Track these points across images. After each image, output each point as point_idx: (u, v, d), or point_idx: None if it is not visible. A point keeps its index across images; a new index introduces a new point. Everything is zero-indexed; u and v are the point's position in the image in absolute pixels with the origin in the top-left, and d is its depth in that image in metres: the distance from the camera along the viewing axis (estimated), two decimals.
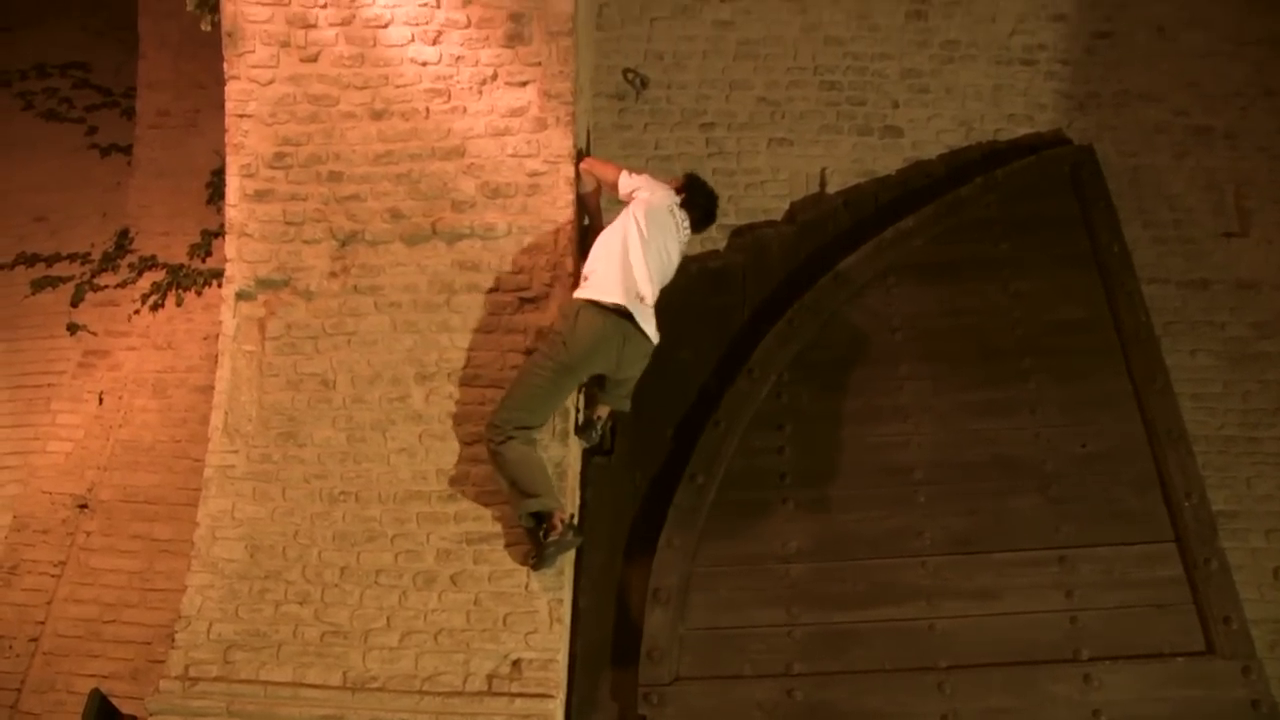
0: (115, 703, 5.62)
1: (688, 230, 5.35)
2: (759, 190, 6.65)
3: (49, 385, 7.44)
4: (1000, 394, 5.83)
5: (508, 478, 4.95)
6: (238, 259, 5.37)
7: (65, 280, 7.82)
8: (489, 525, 5.11)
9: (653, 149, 6.48)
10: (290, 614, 5.01)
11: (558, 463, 5.15)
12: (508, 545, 5.07)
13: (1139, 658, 5.13)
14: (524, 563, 5.00)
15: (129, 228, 7.89)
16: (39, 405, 7.39)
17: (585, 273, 5.04)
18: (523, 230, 5.30)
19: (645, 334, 5.05)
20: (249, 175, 5.37)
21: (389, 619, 4.99)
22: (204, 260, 7.54)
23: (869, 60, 6.77)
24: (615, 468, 5.74)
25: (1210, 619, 5.18)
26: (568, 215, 5.37)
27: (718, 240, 6.54)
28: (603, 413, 5.45)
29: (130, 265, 7.70)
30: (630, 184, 5.23)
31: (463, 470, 5.17)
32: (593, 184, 5.44)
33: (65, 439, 7.20)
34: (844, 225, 6.49)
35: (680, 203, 5.33)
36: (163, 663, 5.01)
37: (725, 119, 6.70)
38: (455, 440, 5.20)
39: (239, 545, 5.13)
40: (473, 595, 5.01)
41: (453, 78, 5.32)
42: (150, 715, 4.80)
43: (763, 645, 5.27)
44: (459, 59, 5.31)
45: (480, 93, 5.32)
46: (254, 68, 5.34)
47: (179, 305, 7.45)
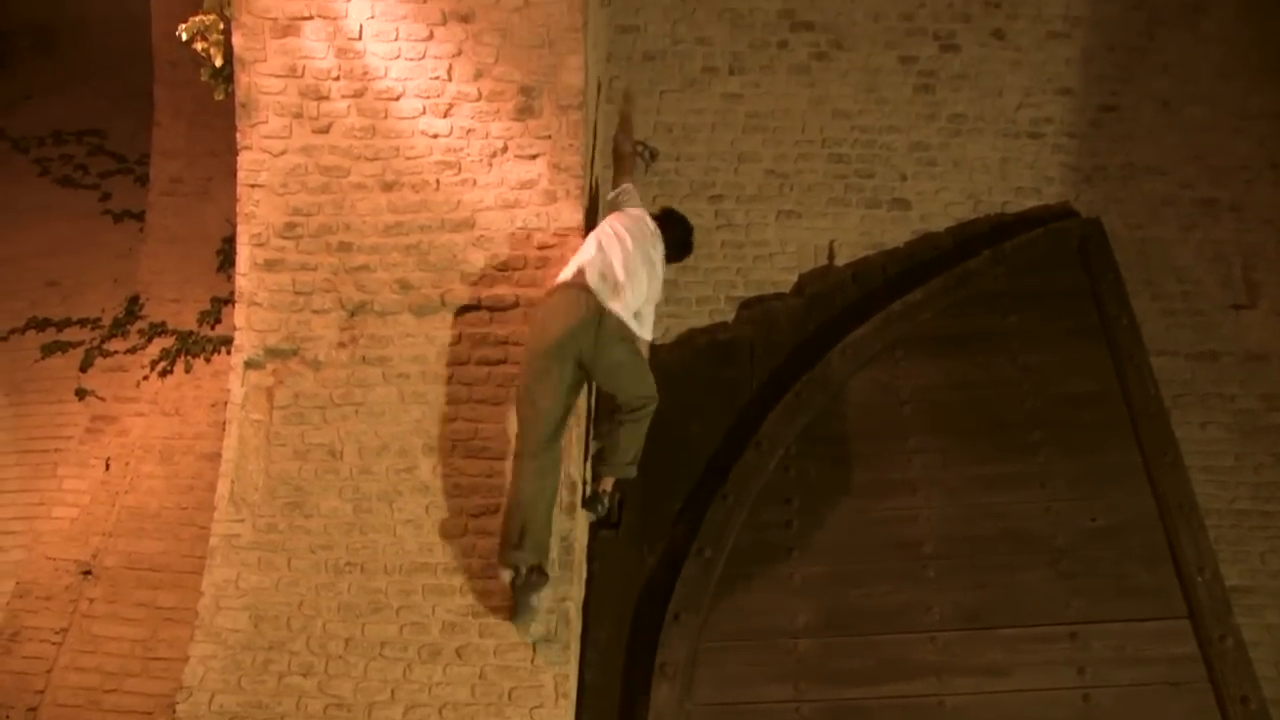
0: None
1: (660, 250, 5.38)
2: (767, 262, 6.69)
3: (56, 450, 7.42)
4: (1009, 467, 5.81)
5: (514, 506, 4.90)
6: (247, 328, 5.38)
7: (75, 345, 7.82)
8: (495, 598, 5.06)
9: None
10: (294, 686, 4.94)
11: (564, 535, 5.11)
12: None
13: None
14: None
15: (140, 294, 7.92)
16: (45, 470, 7.36)
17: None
18: (531, 303, 5.30)
19: (619, 316, 4.99)
20: (259, 244, 5.39)
21: (393, 692, 4.92)
22: (213, 327, 7.56)
23: (877, 133, 6.83)
24: (622, 541, 5.72)
25: (1227, 699, 5.10)
26: None
27: (726, 312, 6.57)
28: (608, 485, 5.42)
29: (140, 331, 7.72)
30: (623, 187, 5.41)
31: (469, 543, 5.13)
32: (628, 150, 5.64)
33: (71, 504, 7.16)
34: (852, 298, 6.51)
35: (657, 228, 5.41)
36: None
37: (734, 191, 6.75)
38: (462, 513, 5.17)
39: (243, 615, 5.08)
40: (478, 669, 4.95)
41: (463, 150, 5.36)
42: None
43: None
44: (470, 132, 5.35)
45: (490, 165, 5.36)
46: (266, 138, 5.39)
47: (188, 372, 7.46)
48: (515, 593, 4.93)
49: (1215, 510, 6.22)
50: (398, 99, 5.35)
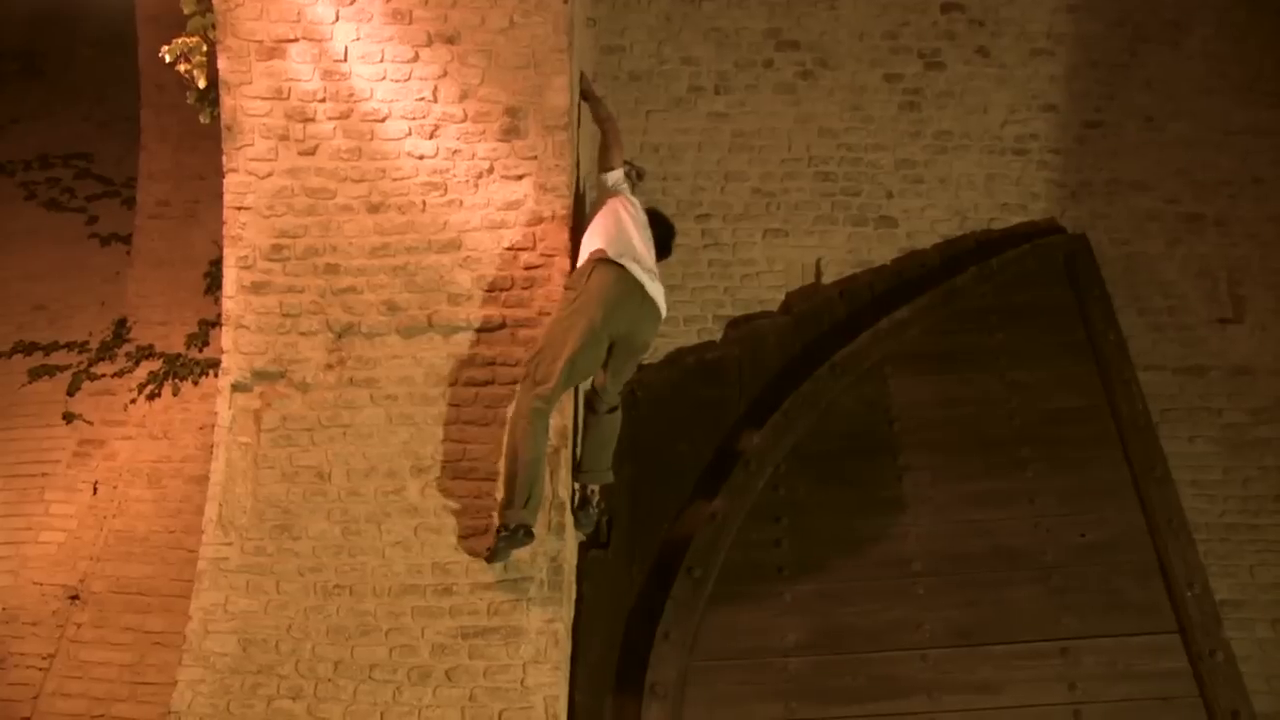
0: None
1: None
2: (755, 281, 6.71)
3: (43, 475, 7.39)
4: (998, 484, 5.82)
5: (514, 465, 4.90)
6: (234, 350, 5.37)
7: (62, 369, 7.81)
8: (484, 620, 5.04)
9: None
10: (283, 710, 4.92)
11: (554, 556, 5.09)
12: (504, 640, 5.00)
13: None
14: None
15: (127, 317, 7.91)
16: (33, 495, 7.33)
17: (584, 241, 5.12)
18: (518, 323, 5.30)
19: (655, 299, 5.09)
20: (246, 267, 5.38)
21: (383, 715, 4.90)
22: (201, 350, 7.54)
23: (863, 151, 6.86)
24: (612, 561, 5.70)
25: (1218, 714, 5.12)
26: None
27: (714, 332, 6.58)
28: (593, 490, 5.45)
29: (128, 355, 7.70)
30: (618, 179, 5.42)
31: (458, 564, 5.12)
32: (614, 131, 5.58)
33: (58, 529, 7.14)
34: (840, 316, 6.53)
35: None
36: None
37: (721, 210, 6.78)
38: (451, 533, 5.15)
39: (231, 639, 5.05)
40: (468, 691, 4.93)
41: (449, 171, 5.36)
42: None
43: None
44: (455, 153, 5.36)
45: (477, 186, 5.36)
46: (252, 160, 5.38)
47: (175, 395, 7.44)
48: (499, 543, 4.93)
49: (1204, 524, 6.24)
50: (383, 120, 5.35)
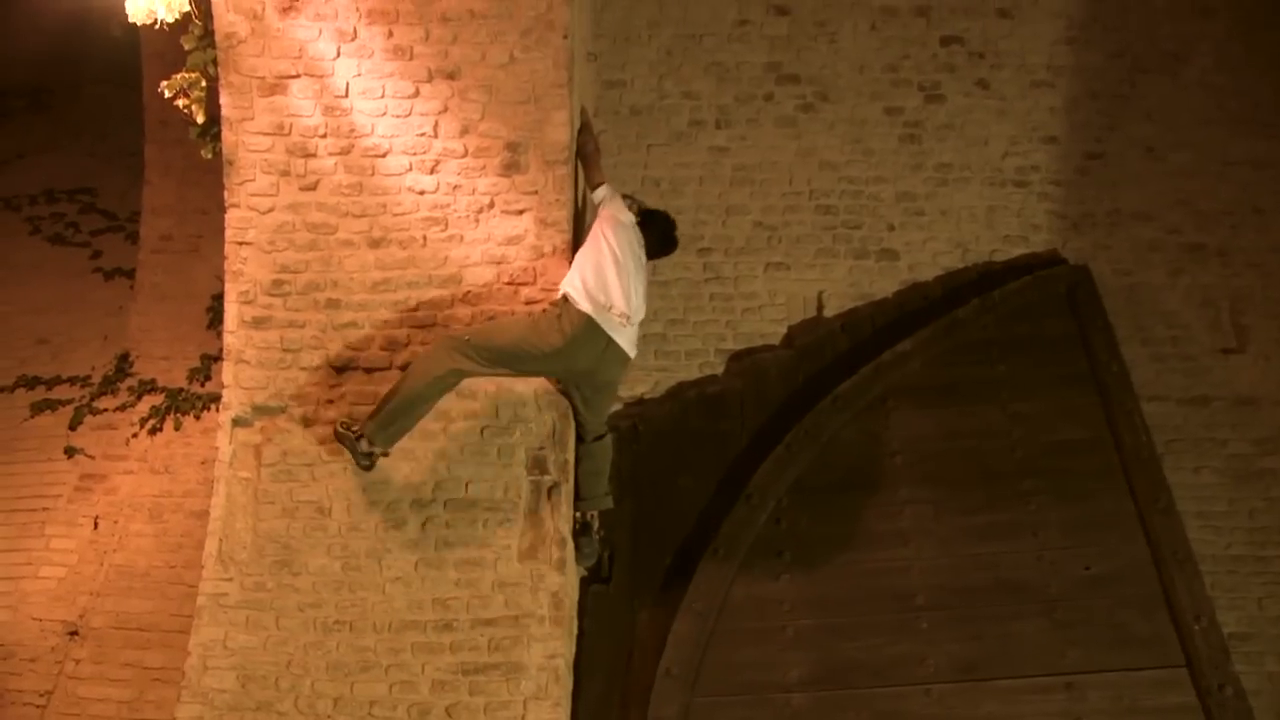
0: None
1: (642, 246, 5.40)
2: (756, 315, 6.70)
3: (44, 509, 7.40)
4: (1001, 516, 5.79)
5: (400, 395, 4.99)
6: (235, 385, 5.36)
7: (65, 403, 7.83)
8: (485, 656, 5.01)
9: (650, 274, 6.51)
10: None
11: (555, 591, 5.07)
12: (504, 676, 4.96)
13: None
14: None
15: (129, 351, 7.94)
16: (33, 529, 7.34)
17: (572, 268, 5.15)
18: None
19: (622, 347, 5.13)
20: (247, 302, 5.39)
21: None
22: (203, 384, 7.56)
23: (864, 184, 6.87)
24: (613, 595, 5.69)
25: None
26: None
27: (715, 365, 6.57)
28: (593, 516, 5.45)
29: (130, 389, 7.73)
30: (603, 194, 5.38)
31: (459, 599, 5.10)
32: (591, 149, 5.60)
33: (58, 564, 7.14)
34: (842, 349, 6.51)
35: (638, 223, 5.42)
36: None
37: (722, 244, 6.78)
38: (451, 568, 5.13)
39: (230, 675, 5.02)
40: None
41: (450, 206, 5.37)
42: None
43: None
44: (456, 188, 5.37)
45: (477, 221, 5.37)
46: (254, 196, 5.40)
47: (177, 429, 7.45)
48: (345, 442, 5.07)
49: (1210, 556, 6.19)
50: (384, 156, 5.37)
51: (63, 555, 7.15)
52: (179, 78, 5.52)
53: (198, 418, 7.46)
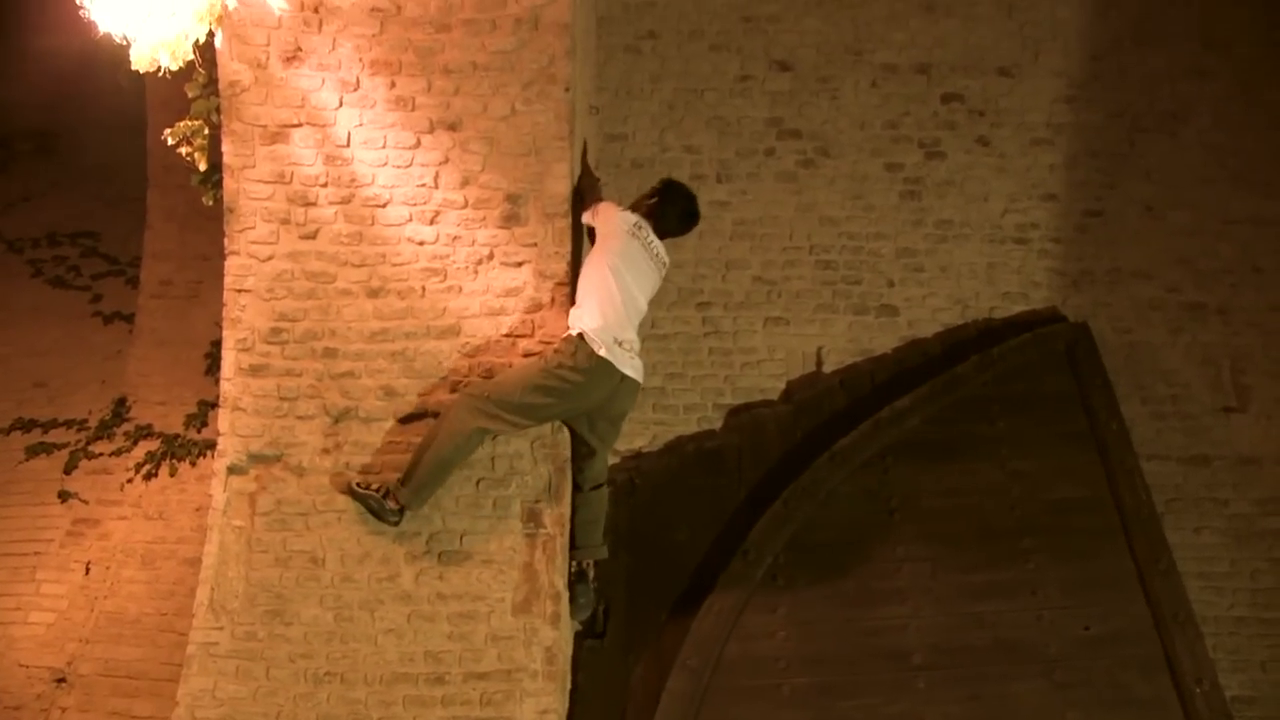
0: None
1: (655, 244, 5.36)
2: (755, 370, 6.70)
3: (35, 554, 7.32)
4: (1000, 575, 5.75)
5: (429, 462, 4.99)
6: (230, 433, 5.34)
7: (60, 447, 7.78)
8: (477, 710, 4.97)
9: (649, 328, 6.52)
10: None
11: (548, 646, 5.03)
12: None
13: None
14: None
15: (127, 396, 7.91)
16: (24, 574, 7.26)
17: (577, 301, 5.16)
18: None
19: (634, 378, 5.15)
20: (245, 349, 5.38)
21: None
22: (200, 431, 7.53)
23: (864, 239, 6.89)
24: (608, 650, 5.64)
25: None
26: None
27: (714, 420, 6.57)
28: (588, 565, 5.42)
29: (126, 434, 7.68)
30: (591, 217, 5.37)
31: (451, 653, 5.05)
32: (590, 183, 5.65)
33: (48, 609, 7.05)
34: (840, 405, 6.52)
35: (647, 212, 5.41)
36: None
37: (722, 298, 6.79)
38: (444, 621, 5.09)
39: None
40: None
41: (449, 257, 5.37)
42: None
43: None
44: (456, 239, 5.38)
45: (476, 272, 5.37)
46: (253, 243, 5.40)
47: (172, 475, 7.41)
48: (370, 500, 5.09)
49: (1213, 618, 6.16)
50: (384, 206, 5.38)
51: (53, 600, 7.07)
52: (182, 125, 5.54)
53: (193, 464, 7.42)
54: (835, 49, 6.93)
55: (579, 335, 5.04)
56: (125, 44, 5.08)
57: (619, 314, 5.09)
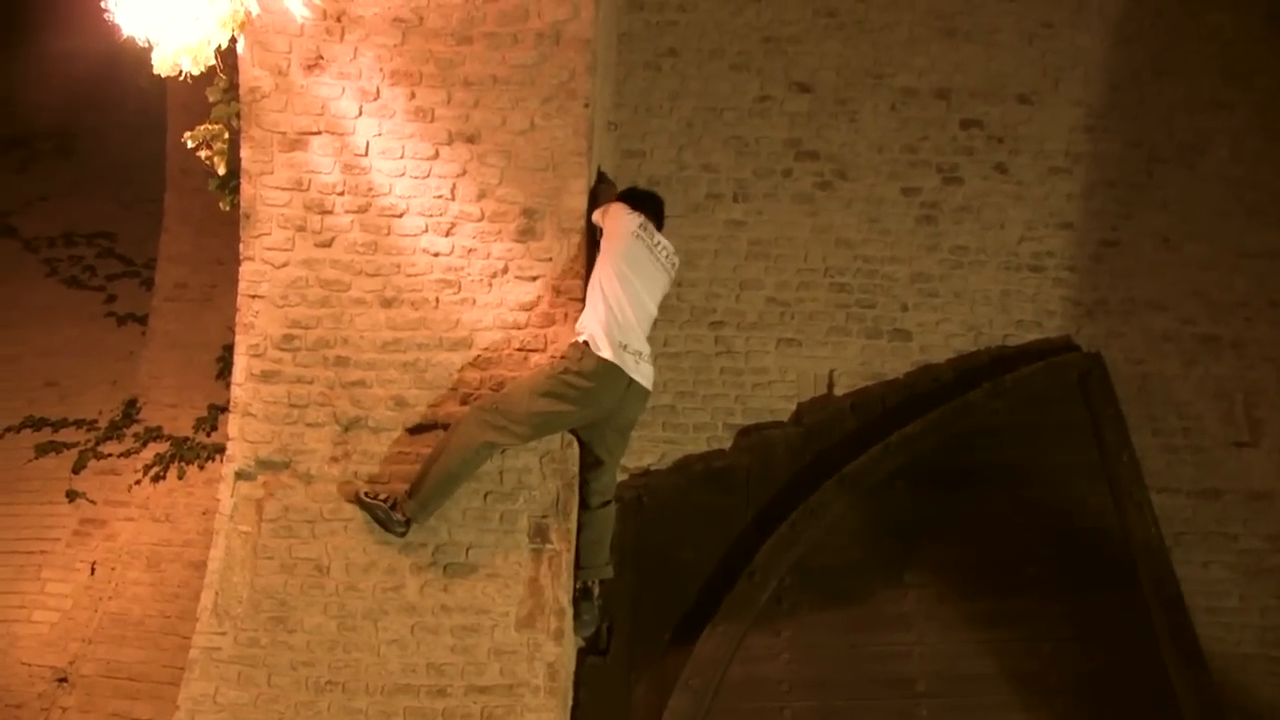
0: None
1: (662, 243, 5.33)
2: (766, 390, 6.69)
3: (41, 553, 7.35)
4: (1006, 604, 5.74)
5: (436, 475, 4.98)
6: (240, 438, 5.35)
7: (69, 446, 7.80)
8: None
9: (661, 346, 6.53)
10: None
11: (551, 662, 5.01)
12: None
13: None
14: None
15: (138, 397, 7.93)
16: (29, 572, 7.28)
17: (585, 307, 5.14)
18: None
19: (643, 384, 5.11)
20: (257, 355, 5.38)
21: None
22: (209, 434, 7.54)
23: (879, 263, 6.89)
24: (610, 668, 5.62)
25: None
26: None
27: (723, 440, 6.56)
28: (593, 584, 5.39)
29: (135, 435, 7.70)
30: (600, 216, 5.33)
31: (453, 665, 5.04)
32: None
33: (52, 609, 7.07)
34: (851, 428, 6.50)
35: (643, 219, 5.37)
36: None
37: (735, 318, 6.79)
38: (447, 634, 5.08)
39: None
40: None
41: (464, 269, 5.38)
42: None
43: None
44: (471, 251, 5.38)
45: (490, 285, 5.37)
46: (269, 250, 5.41)
47: (180, 478, 7.42)
48: (377, 511, 5.08)
49: (1220, 654, 6.10)
50: (401, 216, 5.39)
51: (57, 600, 7.09)
52: (202, 129, 5.56)
53: (201, 467, 7.43)
54: (855, 72, 6.95)
55: (585, 341, 5.03)
56: (148, 47, 5.10)
57: (626, 319, 5.07)
